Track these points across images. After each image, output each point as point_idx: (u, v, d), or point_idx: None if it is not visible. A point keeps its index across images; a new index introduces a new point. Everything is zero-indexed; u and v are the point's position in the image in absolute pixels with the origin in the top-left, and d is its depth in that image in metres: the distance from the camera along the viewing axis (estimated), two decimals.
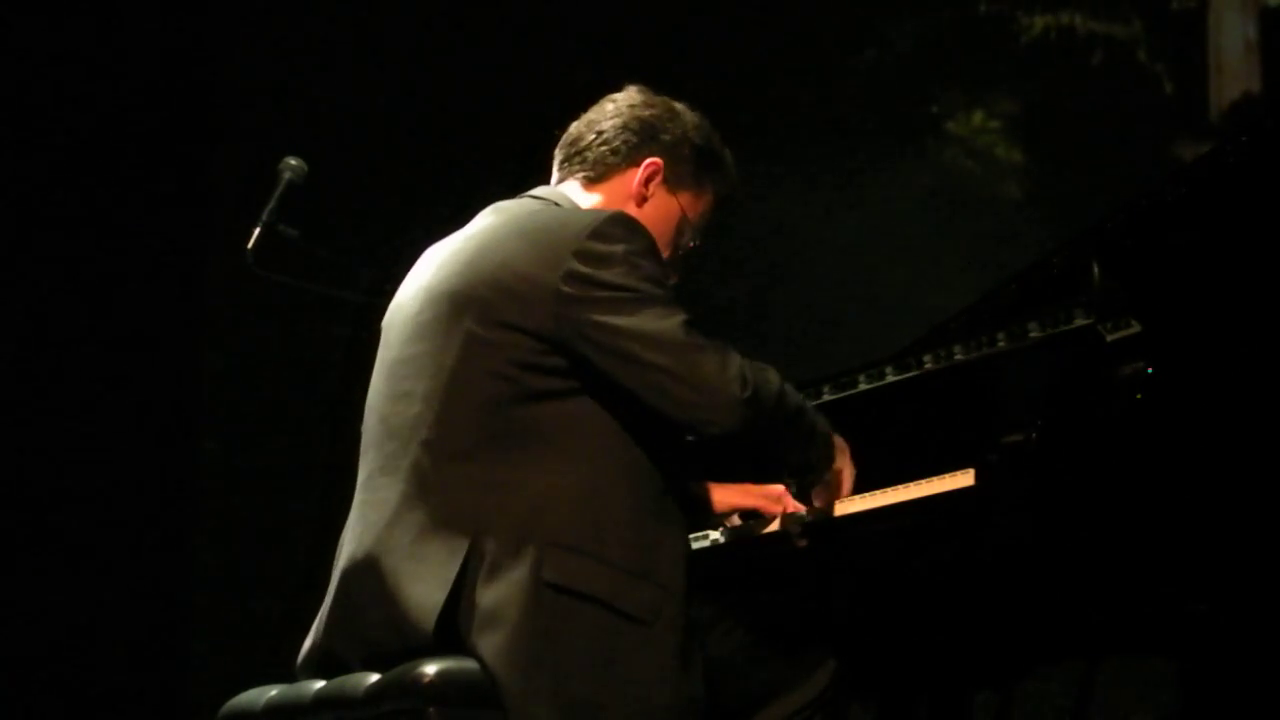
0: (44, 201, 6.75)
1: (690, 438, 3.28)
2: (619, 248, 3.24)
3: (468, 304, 3.27)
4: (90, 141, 6.83)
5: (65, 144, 6.79)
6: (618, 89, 3.61)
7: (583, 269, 3.22)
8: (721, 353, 3.22)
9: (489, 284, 3.26)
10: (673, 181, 3.53)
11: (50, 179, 6.76)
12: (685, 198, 3.54)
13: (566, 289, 3.21)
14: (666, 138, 3.53)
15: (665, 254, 3.50)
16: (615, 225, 3.28)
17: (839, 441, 3.43)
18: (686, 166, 3.54)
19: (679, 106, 3.58)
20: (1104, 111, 7.02)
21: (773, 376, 3.29)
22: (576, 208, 3.45)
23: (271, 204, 4.06)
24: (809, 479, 3.46)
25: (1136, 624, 3.60)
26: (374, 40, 7.16)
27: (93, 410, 6.76)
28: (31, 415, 6.67)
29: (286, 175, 4.11)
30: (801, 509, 3.52)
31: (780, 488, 3.60)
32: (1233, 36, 7.04)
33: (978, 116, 7.21)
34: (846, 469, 3.44)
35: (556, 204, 3.45)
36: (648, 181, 3.51)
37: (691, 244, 3.58)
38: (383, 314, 3.49)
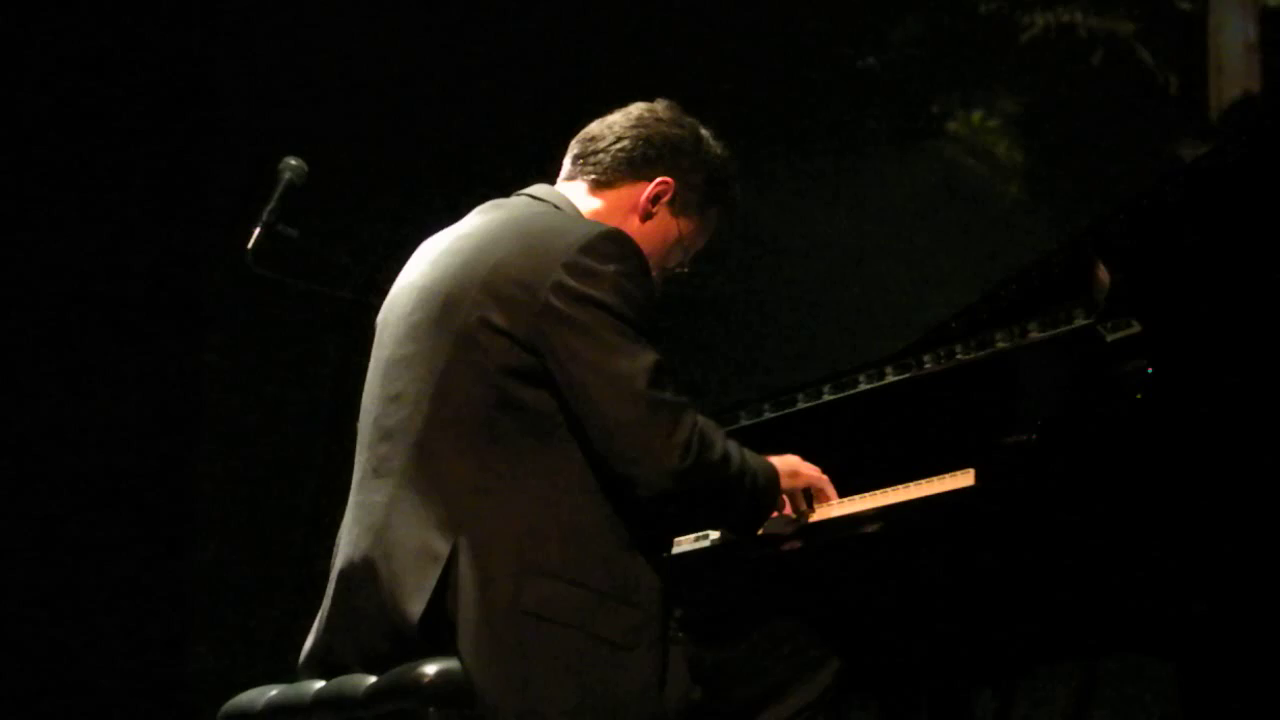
0: (44, 201, 6.75)
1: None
2: (610, 267, 3.22)
3: (458, 305, 3.25)
4: (90, 141, 6.83)
5: (65, 144, 6.79)
6: (648, 98, 3.59)
7: (570, 282, 3.20)
8: (675, 414, 3.17)
9: (480, 285, 3.24)
10: (678, 205, 3.51)
11: (50, 179, 6.76)
12: (686, 223, 3.53)
13: (552, 300, 3.19)
14: (685, 161, 3.50)
15: (655, 273, 3.47)
16: (610, 242, 3.25)
17: (787, 468, 3.41)
18: (695, 194, 3.52)
19: (705, 133, 3.55)
20: (1104, 111, 7.02)
21: (717, 443, 3.23)
22: (577, 214, 3.42)
23: (271, 204, 4.05)
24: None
25: (1136, 624, 3.60)
26: (374, 40, 7.16)
27: (92, 410, 6.76)
28: (31, 415, 6.67)
29: (286, 175, 4.10)
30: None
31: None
32: (1233, 36, 7.04)
33: (978, 116, 7.21)
34: (810, 482, 3.45)
35: (556, 207, 3.43)
36: (655, 199, 3.49)
37: (679, 268, 3.57)
38: (379, 314, 3.48)
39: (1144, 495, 3.37)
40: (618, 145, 3.49)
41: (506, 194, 3.50)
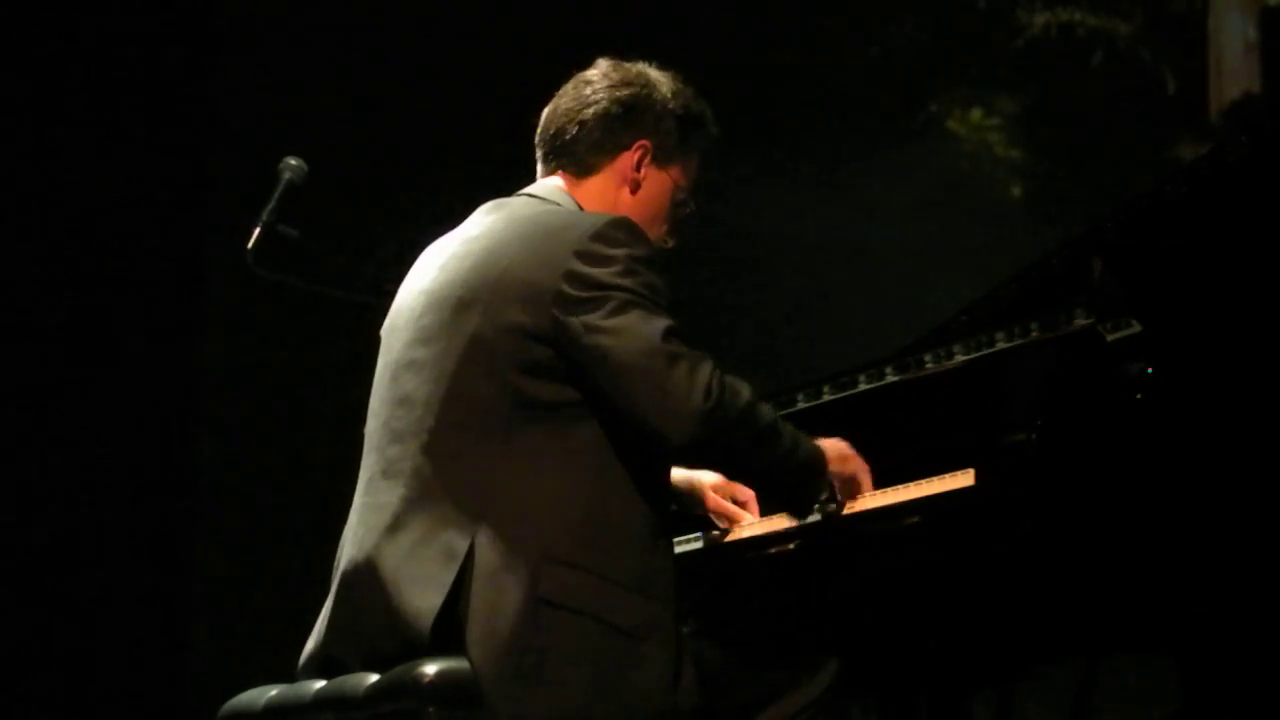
0: (44, 201, 6.75)
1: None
2: (620, 251, 3.22)
3: (470, 308, 3.25)
4: (90, 141, 6.83)
5: (65, 143, 6.79)
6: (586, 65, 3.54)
7: (582, 268, 3.20)
8: (693, 363, 3.17)
9: (492, 288, 3.24)
10: (662, 158, 3.48)
11: (50, 179, 6.76)
12: (675, 170, 3.50)
13: (566, 289, 3.20)
14: (649, 116, 3.47)
15: (665, 227, 3.49)
16: (618, 229, 3.26)
17: (835, 451, 3.40)
18: (672, 139, 3.49)
19: (653, 75, 3.51)
20: (1104, 111, 7.02)
21: (744, 392, 3.22)
22: (577, 208, 3.43)
23: (271, 204, 4.05)
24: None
25: (1136, 624, 3.60)
26: (374, 40, 7.16)
27: (93, 410, 6.76)
28: (31, 415, 6.67)
29: (286, 175, 4.10)
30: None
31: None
32: (1233, 36, 7.05)
33: (977, 115, 7.21)
34: (857, 470, 3.44)
35: (557, 204, 3.42)
36: (638, 165, 3.47)
37: (689, 209, 3.54)
38: (384, 314, 3.48)
39: (1144, 495, 3.37)
40: (582, 132, 3.46)
41: (507, 193, 3.50)
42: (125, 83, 6.90)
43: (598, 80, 3.50)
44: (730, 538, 3.64)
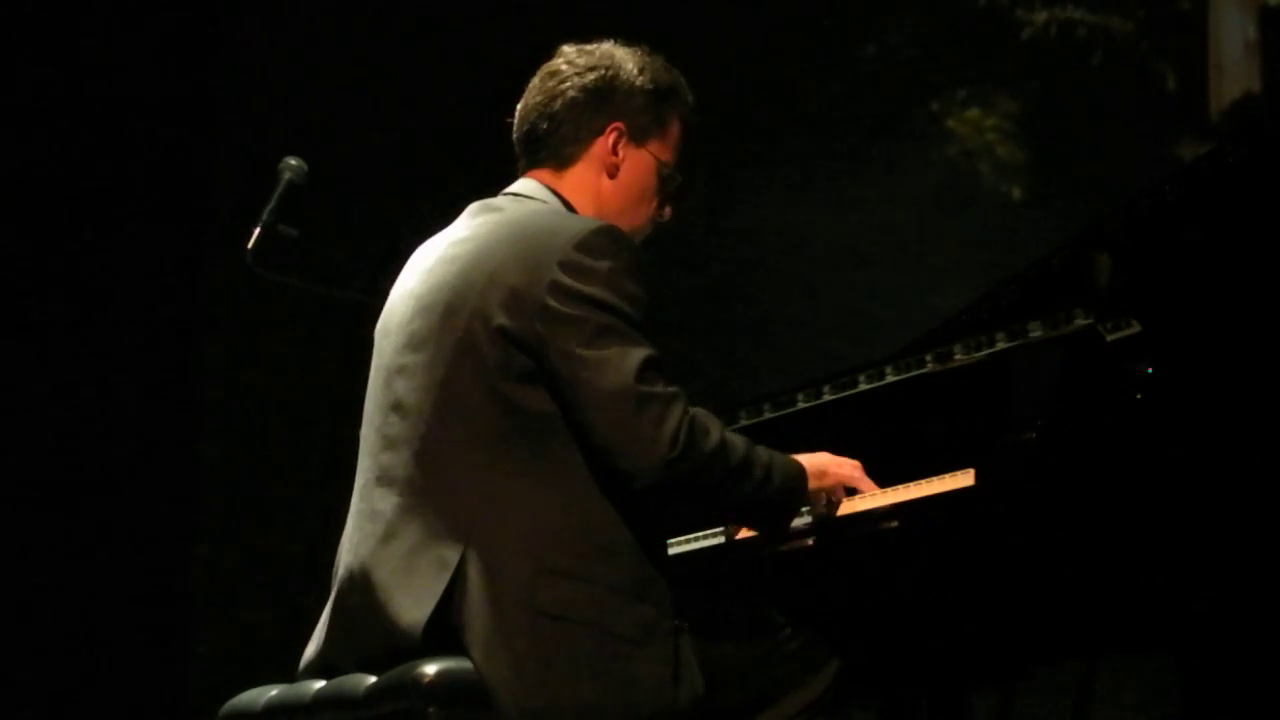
0: (44, 201, 6.75)
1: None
2: (604, 263, 3.20)
3: (458, 313, 3.24)
4: (90, 141, 6.83)
5: (65, 144, 6.79)
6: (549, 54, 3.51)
7: (565, 280, 3.19)
8: (663, 406, 3.15)
9: (479, 293, 3.23)
10: (638, 136, 3.44)
11: (50, 179, 6.76)
12: (654, 145, 3.46)
13: (549, 301, 3.18)
14: (618, 97, 3.44)
15: (654, 203, 3.46)
16: (603, 238, 3.23)
17: (815, 468, 3.39)
18: (645, 115, 3.45)
19: (619, 53, 3.49)
20: (1104, 111, 7.02)
21: (714, 433, 3.20)
22: (562, 206, 3.40)
23: (271, 204, 4.06)
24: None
25: (1136, 624, 3.60)
26: (374, 40, 7.16)
27: (93, 410, 6.76)
28: (32, 415, 6.67)
29: (286, 175, 4.11)
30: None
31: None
32: (1233, 36, 7.04)
33: (977, 114, 7.21)
34: (842, 480, 3.44)
35: (543, 201, 3.40)
36: (615, 149, 3.43)
37: (677, 184, 3.49)
38: (379, 315, 3.47)
39: (1144, 495, 3.37)
40: (553, 125, 3.43)
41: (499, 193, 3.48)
42: (125, 82, 6.90)
43: (563, 70, 3.48)
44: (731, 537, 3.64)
